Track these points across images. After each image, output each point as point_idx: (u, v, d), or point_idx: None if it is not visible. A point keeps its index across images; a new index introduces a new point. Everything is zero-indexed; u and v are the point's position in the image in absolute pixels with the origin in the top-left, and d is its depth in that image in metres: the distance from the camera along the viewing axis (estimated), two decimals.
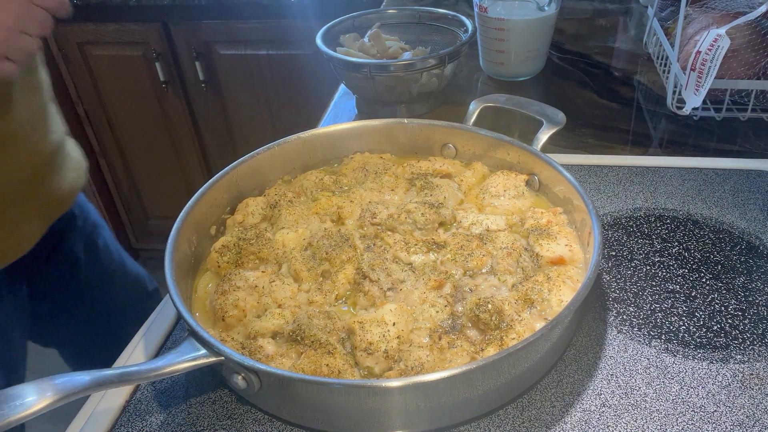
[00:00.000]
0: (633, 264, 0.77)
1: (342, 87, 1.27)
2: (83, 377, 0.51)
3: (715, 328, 0.68)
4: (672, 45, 1.07)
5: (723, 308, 0.71)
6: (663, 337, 0.68)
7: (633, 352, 0.66)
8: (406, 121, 0.90)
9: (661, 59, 1.16)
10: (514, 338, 0.61)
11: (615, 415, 0.60)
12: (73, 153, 1.00)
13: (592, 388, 0.63)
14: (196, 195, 0.75)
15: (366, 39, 1.18)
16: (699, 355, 0.65)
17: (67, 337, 1.12)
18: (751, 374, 0.63)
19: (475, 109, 0.89)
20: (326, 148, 0.90)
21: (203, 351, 0.57)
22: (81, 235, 1.05)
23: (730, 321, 0.69)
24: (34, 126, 0.88)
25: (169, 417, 0.63)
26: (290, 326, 0.64)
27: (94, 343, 1.10)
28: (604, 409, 0.61)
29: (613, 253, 0.79)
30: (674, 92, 1.05)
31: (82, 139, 2.30)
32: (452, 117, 0.93)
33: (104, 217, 2.45)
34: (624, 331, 0.69)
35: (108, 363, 0.69)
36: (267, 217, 0.80)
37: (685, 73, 0.99)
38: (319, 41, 1.12)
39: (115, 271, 1.12)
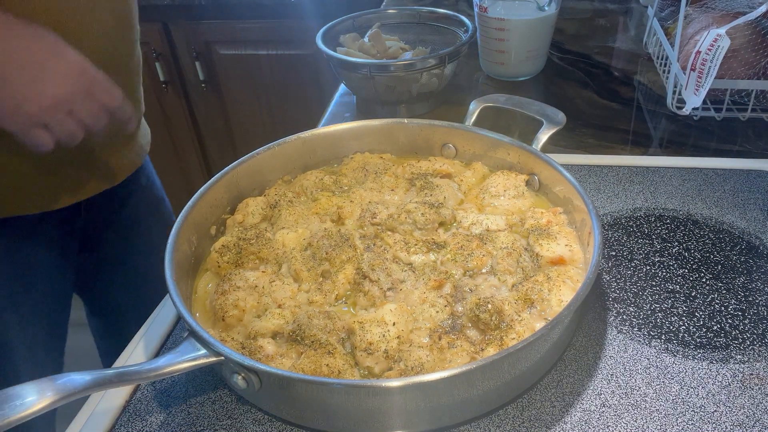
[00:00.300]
0: (633, 264, 0.77)
1: (342, 87, 1.27)
2: (83, 377, 0.51)
3: (715, 328, 0.68)
4: (672, 45, 1.07)
5: (723, 308, 0.71)
6: (663, 337, 0.68)
7: (633, 352, 0.66)
8: (406, 121, 0.90)
9: (661, 59, 1.17)
10: (514, 338, 0.61)
11: (615, 415, 0.60)
12: (145, 131, 1.07)
13: (592, 388, 0.63)
14: (196, 195, 0.75)
15: (366, 39, 1.18)
16: (699, 355, 0.65)
17: (106, 296, 1.16)
18: (751, 374, 0.63)
19: (475, 109, 0.89)
20: (326, 148, 0.90)
21: (203, 351, 0.57)
22: (143, 202, 1.11)
23: (730, 321, 0.69)
24: (126, 87, 0.94)
25: (169, 417, 0.63)
26: (290, 326, 0.64)
27: (130, 307, 1.15)
28: (604, 409, 0.61)
29: (613, 253, 0.79)
30: (674, 92, 1.05)
31: None
32: (452, 117, 0.93)
33: None
34: (624, 331, 0.69)
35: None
36: (267, 217, 0.80)
37: (685, 73, 0.99)
38: (319, 41, 1.12)
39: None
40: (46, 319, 0.99)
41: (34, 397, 0.48)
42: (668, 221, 0.84)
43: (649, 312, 0.71)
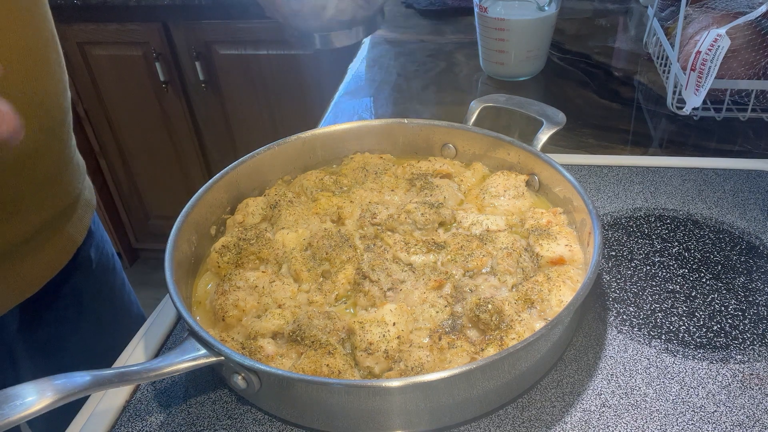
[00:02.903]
0: (633, 264, 0.77)
1: (342, 87, 1.27)
2: (83, 377, 0.51)
3: (715, 328, 0.68)
4: (672, 45, 1.07)
5: (723, 308, 0.71)
6: (663, 337, 0.68)
7: (633, 352, 0.66)
8: (405, 121, 0.90)
9: (661, 59, 1.17)
10: (514, 338, 0.61)
11: (615, 415, 0.60)
12: (84, 209, 0.88)
13: (592, 388, 0.63)
14: (196, 195, 0.75)
15: None
16: (699, 355, 0.65)
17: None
18: (751, 374, 0.63)
19: (475, 109, 0.89)
20: (326, 148, 0.90)
21: (203, 351, 0.57)
22: (91, 278, 0.94)
23: (730, 321, 0.69)
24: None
25: (169, 417, 0.63)
26: (290, 326, 0.64)
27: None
28: (604, 409, 0.61)
29: (613, 253, 0.79)
30: (674, 92, 1.05)
31: (82, 139, 2.30)
32: (452, 117, 0.93)
33: (104, 218, 2.46)
34: (624, 331, 0.69)
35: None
36: (267, 217, 0.80)
37: (685, 73, 0.99)
38: None
39: (117, 315, 1.01)
40: None
41: (34, 397, 0.48)
42: (668, 221, 0.84)
43: (649, 312, 0.71)
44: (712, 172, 0.93)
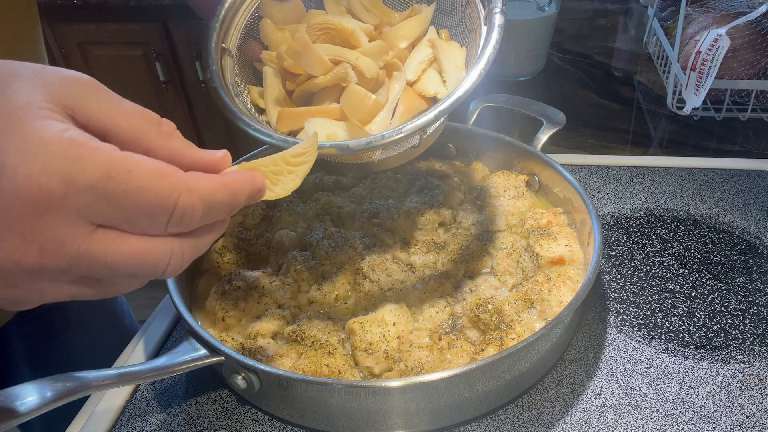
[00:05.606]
0: (633, 264, 0.77)
1: None
2: (83, 377, 0.51)
3: (715, 328, 0.68)
4: (672, 45, 1.07)
5: (723, 308, 0.71)
6: (663, 337, 0.68)
7: (633, 352, 0.66)
8: None
9: (661, 59, 1.17)
10: (514, 338, 0.61)
11: (615, 415, 0.60)
12: None
13: (592, 388, 0.63)
14: None
15: None
16: (699, 355, 0.65)
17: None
18: (751, 374, 0.63)
19: (475, 109, 0.89)
20: None
21: (203, 351, 0.57)
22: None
23: (730, 321, 0.69)
24: None
25: (169, 417, 0.63)
26: (290, 326, 0.64)
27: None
28: (604, 409, 0.61)
29: (613, 253, 0.79)
30: (674, 92, 1.05)
31: None
32: (452, 117, 0.93)
33: None
34: (624, 331, 0.69)
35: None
36: (267, 218, 0.80)
37: (685, 73, 0.99)
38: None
39: (108, 327, 0.98)
40: None
41: (34, 397, 0.48)
42: (668, 221, 0.84)
43: (649, 312, 0.71)
44: (712, 172, 0.93)
